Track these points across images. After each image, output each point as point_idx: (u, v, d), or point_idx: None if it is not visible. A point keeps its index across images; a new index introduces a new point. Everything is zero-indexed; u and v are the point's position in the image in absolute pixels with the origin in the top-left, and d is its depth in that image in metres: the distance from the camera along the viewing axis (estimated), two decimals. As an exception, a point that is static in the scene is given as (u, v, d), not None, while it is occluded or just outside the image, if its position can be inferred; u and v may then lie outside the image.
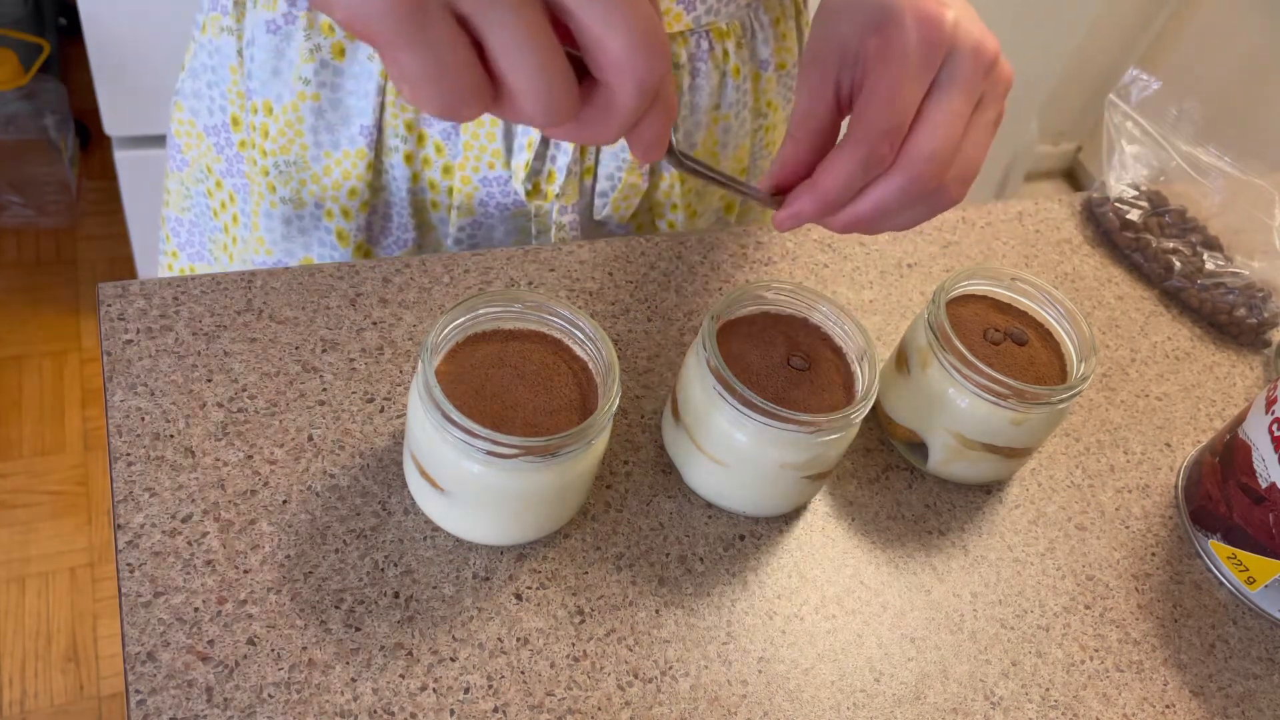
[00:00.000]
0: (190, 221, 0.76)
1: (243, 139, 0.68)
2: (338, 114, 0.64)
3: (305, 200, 0.67)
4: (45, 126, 1.71)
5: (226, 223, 0.72)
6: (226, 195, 0.71)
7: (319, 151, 0.65)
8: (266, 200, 0.67)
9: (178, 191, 0.75)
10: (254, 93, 0.65)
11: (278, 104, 0.64)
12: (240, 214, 0.71)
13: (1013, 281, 0.58)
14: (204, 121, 0.69)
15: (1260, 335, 0.73)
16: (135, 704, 0.42)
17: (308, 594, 0.46)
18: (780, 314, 0.54)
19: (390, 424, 0.53)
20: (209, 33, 0.67)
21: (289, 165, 0.66)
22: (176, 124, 0.72)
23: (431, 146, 0.65)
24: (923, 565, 0.54)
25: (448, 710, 0.44)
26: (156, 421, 0.50)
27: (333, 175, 0.65)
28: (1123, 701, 0.52)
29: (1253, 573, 0.57)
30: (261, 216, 0.68)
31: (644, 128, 0.37)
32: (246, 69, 0.65)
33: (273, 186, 0.67)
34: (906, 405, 0.57)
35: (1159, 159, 0.78)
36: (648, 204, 0.71)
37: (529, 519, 0.48)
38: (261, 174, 0.67)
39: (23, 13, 1.72)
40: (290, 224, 0.68)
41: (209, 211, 0.73)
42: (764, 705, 0.47)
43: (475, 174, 0.65)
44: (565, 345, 0.49)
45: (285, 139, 0.65)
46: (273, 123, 0.65)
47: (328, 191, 0.66)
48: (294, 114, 0.64)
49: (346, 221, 0.67)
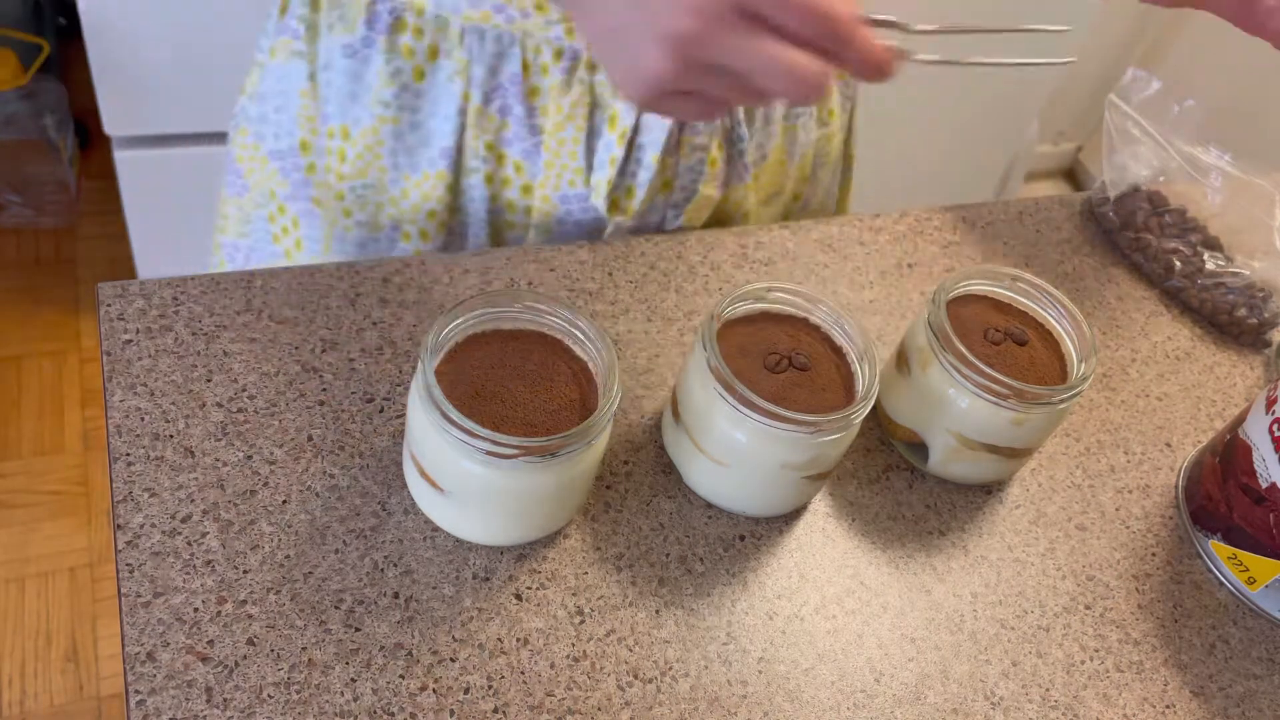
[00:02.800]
0: (249, 247, 0.75)
1: (311, 163, 0.67)
2: (417, 136, 0.64)
3: (382, 223, 0.67)
4: (45, 126, 1.71)
5: (288, 248, 0.72)
6: (290, 220, 0.71)
7: (398, 174, 0.65)
8: (340, 224, 0.67)
9: (236, 217, 0.74)
10: (329, 117, 0.65)
11: (355, 128, 0.64)
12: (305, 239, 0.70)
13: (1013, 281, 0.58)
14: (269, 146, 0.69)
15: (1260, 335, 0.73)
16: (135, 704, 0.42)
17: (307, 594, 0.46)
18: (780, 314, 0.54)
19: (390, 424, 0.53)
20: (278, 57, 0.66)
21: (366, 188, 0.65)
22: (240, 149, 0.71)
23: (511, 167, 0.65)
24: (923, 565, 0.54)
25: (448, 710, 0.44)
26: (156, 421, 0.50)
27: (411, 198, 0.65)
28: (1123, 702, 0.52)
29: (1253, 573, 0.57)
30: (335, 240, 0.68)
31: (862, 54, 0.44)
32: (321, 94, 0.64)
33: (348, 211, 0.66)
34: (907, 405, 0.57)
35: (1159, 159, 0.78)
36: (719, 214, 0.71)
37: (529, 519, 0.48)
38: (337, 198, 0.66)
39: (22, 13, 1.72)
40: (365, 247, 0.68)
41: (269, 237, 0.73)
42: (764, 705, 0.47)
43: (555, 192, 0.65)
44: (565, 345, 0.49)
45: (363, 162, 0.65)
46: (350, 147, 0.64)
47: (405, 214, 0.66)
48: (373, 137, 0.64)
49: (424, 243, 0.67)
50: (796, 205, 0.77)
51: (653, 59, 0.42)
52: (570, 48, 0.60)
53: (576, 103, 0.62)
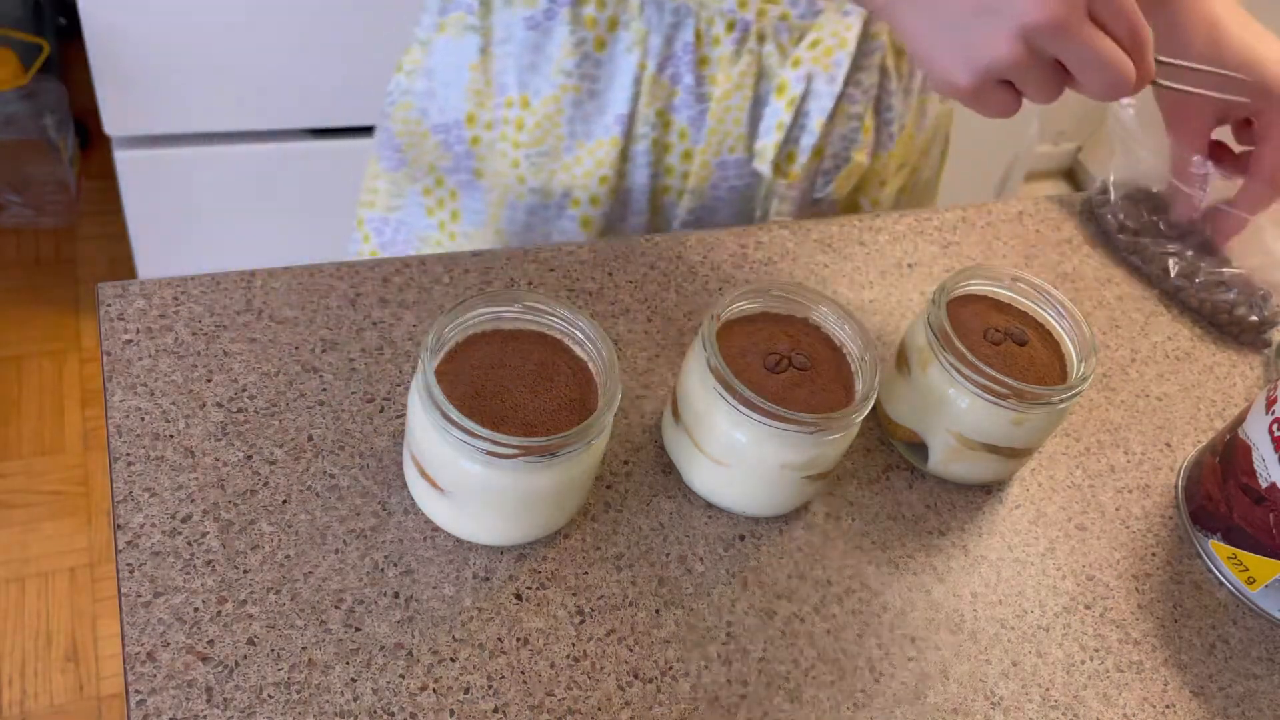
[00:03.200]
0: (398, 220, 0.78)
1: (476, 135, 0.70)
2: (595, 104, 0.67)
3: (554, 190, 0.70)
4: (45, 126, 1.71)
5: (443, 220, 0.75)
6: (447, 192, 0.74)
7: (573, 142, 0.68)
8: (514, 192, 0.70)
9: (387, 191, 0.77)
10: (506, 88, 0.67)
11: (535, 98, 0.67)
12: (464, 210, 0.73)
13: (1013, 281, 0.58)
14: (433, 120, 0.71)
15: (1260, 335, 0.73)
16: (135, 704, 0.42)
17: (308, 594, 0.46)
18: (780, 314, 0.54)
19: (390, 424, 0.53)
20: (448, 32, 0.69)
21: (541, 156, 0.68)
22: (400, 124, 0.73)
23: (676, 133, 0.68)
24: (923, 565, 0.54)
25: (448, 710, 0.44)
26: (156, 421, 0.50)
27: (584, 164, 0.68)
28: (1123, 702, 0.52)
29: (1253, 573, 0.57)
30: (505, 209, 0.71)
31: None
32: (497, 65, 0.67)
33: (522, 178, 0.69)
34: (906, 405, 0.57)
35: (1160, 159, 0.78)
36: (860, 181, 0.74)
37: (529, 519, 0.48)
38: (511, 165, 0.69)
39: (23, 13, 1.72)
40: (534, 213, 0.71)
41: (422, 210, 0.76)
42: (764, 705, 0.47)
43: (714, 158, 0.68)
44: (565, 345, 0.49)
45: (541, 131, 0.67)
46: (529, 116, 0.67)
47: (577, 180, 0.69)
48: (553, 106, 0.67)
49: (594, 208, 0.70)
50: (912, 179, 0.81)
51: (1000, 43, 0.46)
52: (742, 20, 0.64)
53: (745, 72, 0.66)
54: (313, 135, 1.49)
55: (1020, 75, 0.48)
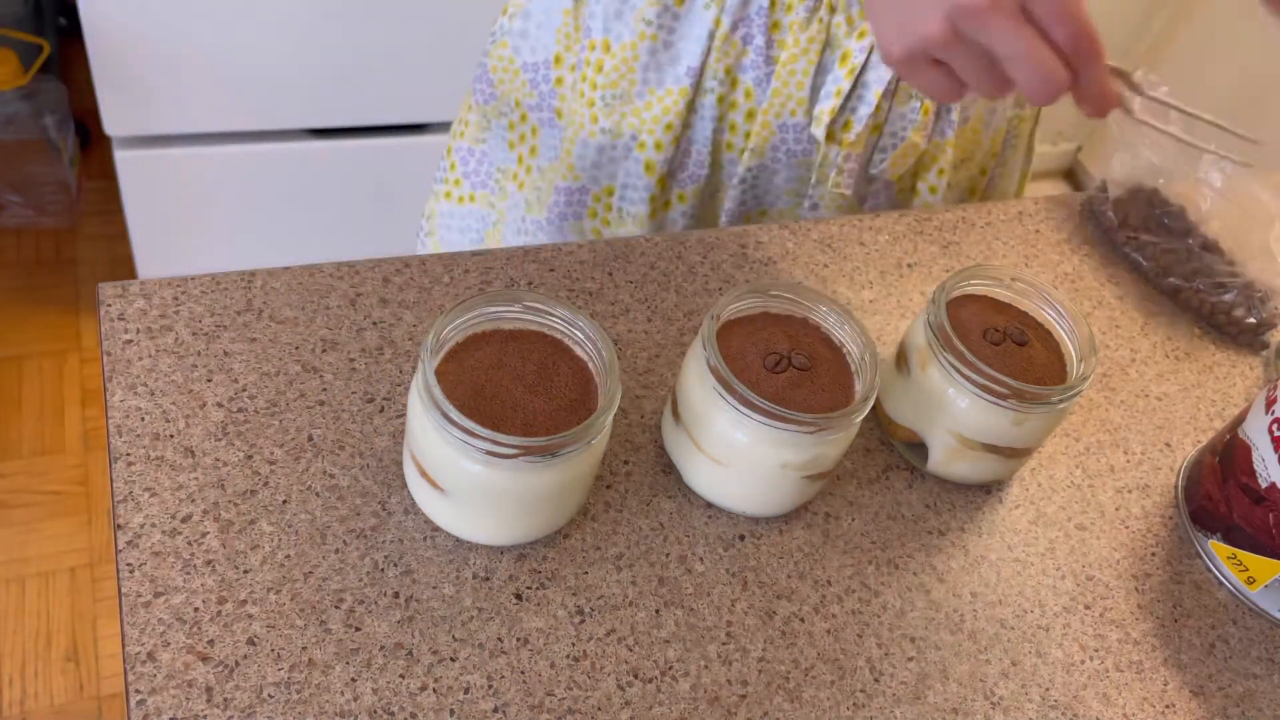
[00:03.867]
0: (483, 152, 0.83)
1: (560, 76, 0.75)
2: (669, 54, 0.70)
3: (623, 131, 0.73)
4: (45, 126, 1.71)
5: (522, 154, 0.80)
6: (529, 128, 0.78)
7: (644, 88, 0.71)
8: (586, 130, 0.74)
9: (477, 123, 0.83)
10: (592, 31, 0.72)
11: (616, 42, 0.71)
12: (541, 145, 0.78)
13: (1013, 281, 0.58)
14: (525, 59, 0.76)
15: (1259, 335, 0.73)
16: (135, 704, 0.42)
17: (308, 594, 0.46)
18: (780, 314, 0.54)
19: (390, 424, 0.53)
20: None
21: (615, 98, 0.72)
22: (496, 60, 0.79)
23: (742, 91, 0.71)
24: (923, 565, 0.54)
25: (448, 710, 0.44)
26: (156, 421, 0.50)
27: (653, 110, 0.72)
28: (1123, 701, 0.52)
29: (1253, 573, 0.57)
30: (577, 144, 0.75)
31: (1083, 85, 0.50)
32: (588, 10, 0.72)
33: (595, 117, 0.73)
34: (906, 405, 0.57)
35: (1159, 160, 0.78)
36: (916, 165, 0.76)
37: (529, 519, 0.48)
38: (587, 105, 0.73)
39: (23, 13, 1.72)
40: (603, 152, 0.74)
41: (505, 144, 0.81)
42: (764, 705, 0.47)
43: (776, 120, 0.71)
44: (565, 345, 0.49)
45: (618, 74, 0.71)
46: (609, 59, 0.71)
47: (645, 124, 0.72)
48: (630, 52, 0.70)
49: (657, 153, 0.73)
50: (983, 180, 0.82)
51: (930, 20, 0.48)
52: None
53: (813, 39, 0.68)
54: (313, 135, 1.49)
55: (951, 57, 0.50)
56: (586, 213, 0.78)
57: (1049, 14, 0.49)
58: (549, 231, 0.79)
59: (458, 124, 0.85)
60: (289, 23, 1.34)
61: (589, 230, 0.78)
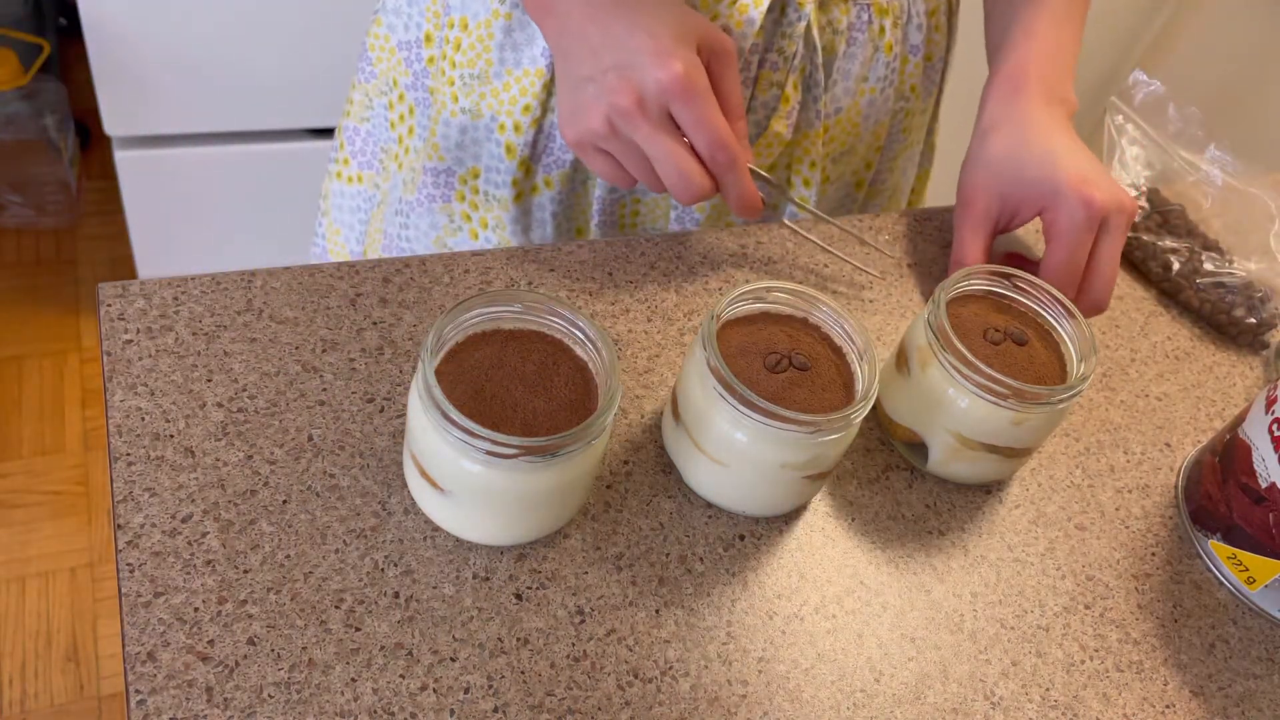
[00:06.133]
0: (367, 131, 0.83)
1: (431, 55, 0.74)
2: (524, 34, 0.69)
3: (483, 112, 0.72)
4: (45, 126, 1.71)
5: (401, 134, 0.79)
6: (406, 108, 0.78)
7: (501, 68, 0.70)
8: (448, 109, 0.73)
9: (360, 102, 0.83)
10: (452, 8, 0.71)
11: (473, 20, 0.70)
12: (417, 125, 0.78)
13: (1013, 282, 0.58)
14: (399, 37, 0.76)
15: (1259, 335, 0.73)
16: (135, 704, 0.42)
17: (308, 594, 0.46)
18: (780, 314, 0.54)
19: (390, 424, 0.53)
20: None
21: (473, 78, 0.71)
22: (373, 38, 0.79)
23: None
24: (923, 565, 0.54)
25: (448, 710, 0.44)
26: (156, 421, 0.50)
27: (511, 91, 0.71)
28: (1123, 701, 0.52)
29: (1253, 573, 0.57)
30: (440, 124, 0.74)
31: (729, 194, 0.59)
32: None
33: (455, 96, 0.73)
34: (906, 405, 0.57)
35: (1159, 160, 0.78)
36: (787, 158, 0.74)
37: (529, 519, 0.48)
38: (448, 84, 0.73)
39: (23, 13, 1.72)
40: (466, 133, 0.74)
41: (386, 123, 0.81)
42: (764, 705, 0.47)
43: None
44: (565, 345, 0.49)
45: (474, 53, 0.71)
46: (465, 37, 0.71)
47: (504, 106, 0.71)
48: (485, 30, 0.70)
49: (516, 135, 0.72)
50: (869, 175, 0.80)
51: (594, 116, 0.55)
52: None
53: None
54: (313, 135, 1.49)
55: (612, 150, 0.56)
56: (455, 195, 0.76)
57: (687, 124, 0.55)
58: (419, 213, 0.78)
59: (346, 104, 0.85)
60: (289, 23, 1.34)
61: (458, 213, 0.77)
